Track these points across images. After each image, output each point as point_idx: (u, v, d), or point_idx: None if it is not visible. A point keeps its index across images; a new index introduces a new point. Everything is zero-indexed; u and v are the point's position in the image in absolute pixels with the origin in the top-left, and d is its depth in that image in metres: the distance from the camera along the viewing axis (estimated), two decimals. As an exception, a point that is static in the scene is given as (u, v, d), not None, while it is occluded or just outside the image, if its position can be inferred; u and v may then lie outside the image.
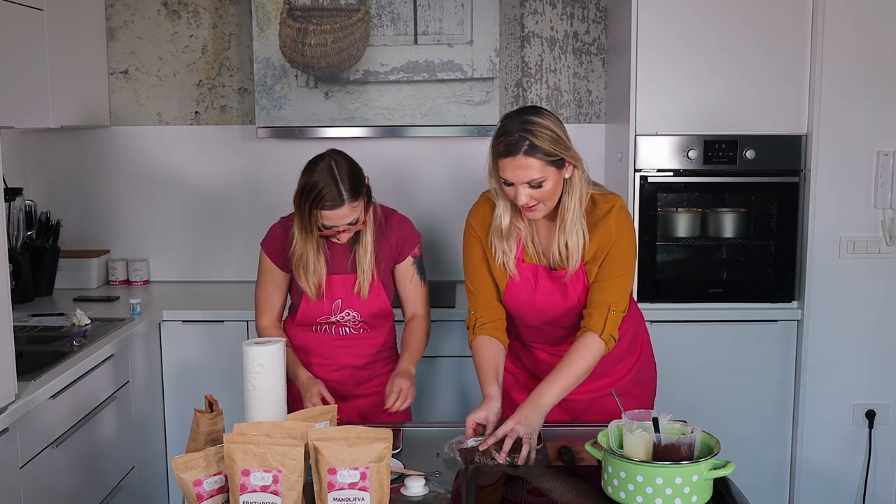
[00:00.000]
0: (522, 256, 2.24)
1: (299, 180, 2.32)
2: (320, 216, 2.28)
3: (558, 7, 3.66)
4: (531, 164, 2.06)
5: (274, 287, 2.49)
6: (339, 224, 2.30)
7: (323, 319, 2.46)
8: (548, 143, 2.06)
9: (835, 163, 3.14)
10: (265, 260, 2.49)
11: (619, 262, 2.19)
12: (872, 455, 3.27)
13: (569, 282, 2.21)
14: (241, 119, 3.73)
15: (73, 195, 3.76)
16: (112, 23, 3.69)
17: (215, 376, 3.23)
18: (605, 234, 2.18)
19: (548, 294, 2.24)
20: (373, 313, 2.46)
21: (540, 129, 2.06)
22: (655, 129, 3.17)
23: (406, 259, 2.49)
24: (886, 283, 3.19)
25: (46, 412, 2.43)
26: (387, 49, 3.45)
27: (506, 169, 2.09)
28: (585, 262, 2.20)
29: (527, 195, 2.09)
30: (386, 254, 2.46)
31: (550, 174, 2.08)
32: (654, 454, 1.71)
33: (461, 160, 3.70)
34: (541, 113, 2.12)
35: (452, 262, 3.72)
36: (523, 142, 2.06)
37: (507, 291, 2.27)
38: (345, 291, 2.43)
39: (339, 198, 2.26)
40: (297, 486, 1.64)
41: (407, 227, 2.51)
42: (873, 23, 3.08)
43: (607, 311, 2.16)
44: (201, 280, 3.81)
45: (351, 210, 2.29)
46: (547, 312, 2.27)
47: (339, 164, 2.29)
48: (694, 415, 2.40)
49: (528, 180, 2.07)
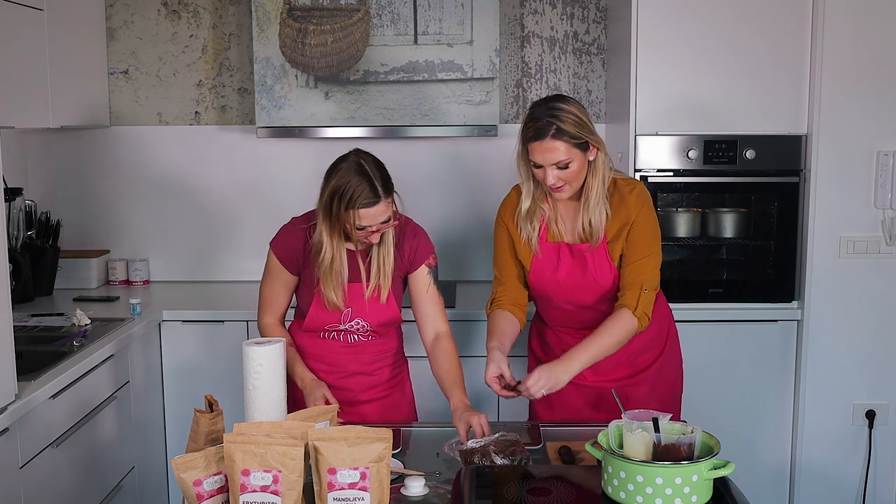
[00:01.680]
0: (546, 236, 2.39)
1: (325, 185, 2.27)
2: (357, 217, 2.22)
3: (558, 7, 3.66)
4: (558, 147, 2.21)
5: (280, 287, 2.46)
6: (375, 223, 2.25)
7: (331, 327, 2.41)
8: (573, 127, 2.21)
9: (835, 163, 3.14)
10: (274, 261, 2.43)
11: (645, 242, 2.34)
12: (872, 455, 3.27)
13: (590, 259, 2.34)
14: (241, 119, 3.73)
15: (73, 195, 3.76)
16: (112, 23, 3.69)
17: (215, 376, 3.23)
18: (625, 213, 2.33)
19: (569, 270, 2.37)
20: (382, 322, 2.42)
21: (565, 114, 2.22)
22: (655, 129, 3.18)
23: (420, 268, 2.43)
24: (886, 283, 3.19)
25: (46, 412, 2.43)
26: (387, 49, 3.45)
27: (535, 152, 2.24)
28: (608, 240, 2.33)
29: (555, 176, 2.24)
30: (398, 263, 2.40)
31: (576, 156, 2.24)
32: (654, 454, 1.71)
33: (461, 160, 3.70)
34: (566, 100, 2.28)
35: (453, 262, 3.73)
36: (550, 126, 2.21)
37: (531, 270, 2.40)
38: (356, 299, 2.38)
39: (376, 194, 2.22)
40: (297, 486, 1.64)
41: (422, 238, 2.46)
42: (873, 23, 3.08)
43: (639, 290, 2.31)
44: (201, 280, 3.81)
45: (386, 207, 2.26)
46: (568, 290, 2.39)
47: (368, 162, 2.26)
48: (694, 415, 2.41)
49: (556, 162, 2.22)
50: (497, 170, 3.42)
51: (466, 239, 3.69)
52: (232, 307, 3.29)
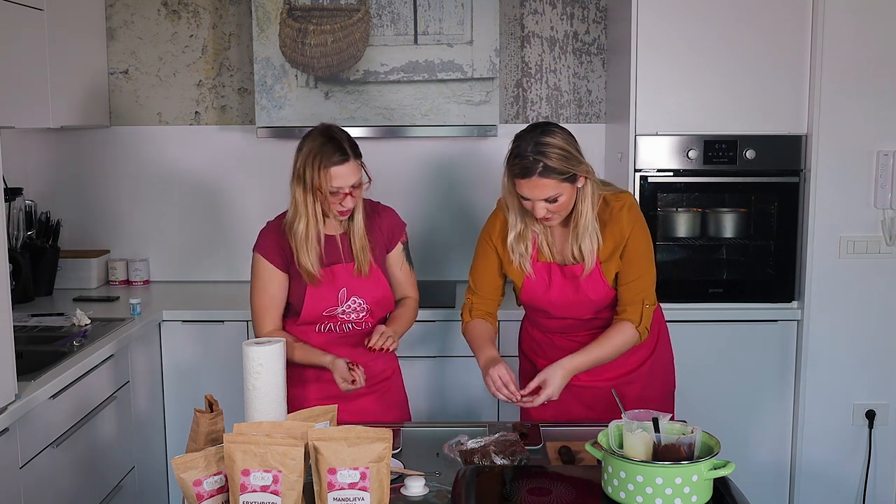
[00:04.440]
0: (537, 256, 2.37)
1: (296, 156, 2.34)
2: (329, 177, 2.28)
3: (558, 7, 3.66)
4: (546, 184, 2.18)
5: (273, 291, 2.42)
6: (346, 184, 2.31)
7: (329, 313, 2.41)
8: (560, 163, 2.17)
9: (835, 163, 3.14)
10: (262, 263, 2.41)
11: (643, 260, 2.33)
12: (872, 455, 3.27)
13: (583, 280, 2.32)
14: (241, 119, 3.73)
15: (73, 195, 3.76)
16: (112, 23, 3.69)
17: (215, 376, 3.23)
18: (618, 232, 2.30)
19: (561, 290, 2.36)
20: (377, 299, 2.45)
21: (551, 150, 2.17)
22: (655, 129, 3.18)
23: (396, 246, 2.53)
24: (886, 283, 3.19)
25: (46, 412, 2.43)
26: (387, 49, 3.45)
27: (522, 188, 2.22)
28: (602, 259, 2.31)
29: (544, 209, 2.22)
30: (379, 241, 2.48)
31: (565, 189, 2.21)
32: (654, 454, 1.71)
33: (461, 160, 3.70)
34: (551, 132, 2.20)
35: (452, 262, 3.73)
36: (537, 164, 2.16)
37: (523, 290, 2.39)
38: (348, 278, 2.42)
39: (345, 153, 2.30)
40: (297, 486, 1.65)
41: (393, 216, 2.55)
42: (873, 23, 3.08)
43: (641, 306, 2.33)
44: (201, 280, 3.81)
45: (356, 167, 2.33)
46: (561, 308, 2.38)
47: (333, 129, 2.36)
48: (694, 415, 2.41)
49: (544, 197, 2.20)
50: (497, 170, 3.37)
51: (466, 239, 3.68)
52: (232, 307, 3.29)
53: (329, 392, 2.38)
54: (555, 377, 2.22)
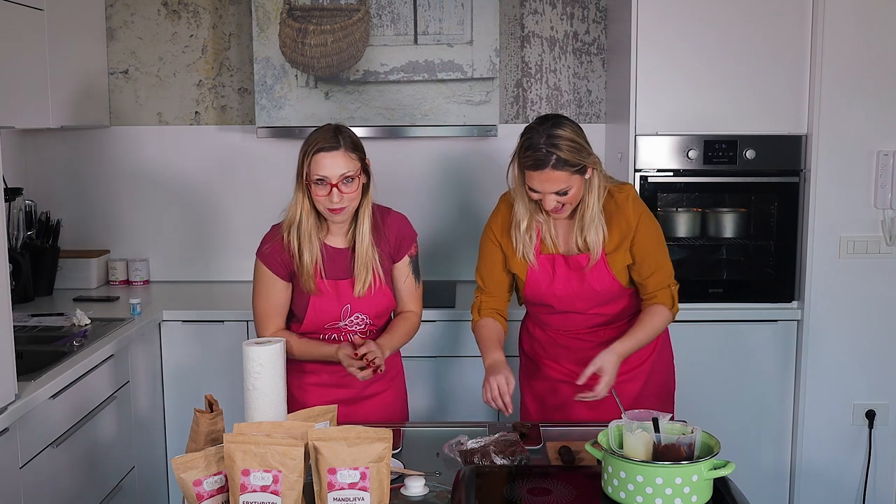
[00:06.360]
0: (540, 248, 2.37)
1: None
2: (314, 164, 2.22)
3: (558, 7, 3.66)
4: (558, 177, 2.19)
5: (275, 299, 2.38)
6: (333, 175, 2.21)
7: (331, 325, 2.38)
8: (572, 155, 2.18)
9: (835, 163, 3.14)
10: (263, 270, 2.37)
11: (657, 251, 2.36)
12: (872, 455, 3.27)
13: (588, 271, 2.33)
14: (241, 119, 3.73)
15: (73, 195, 3.76)
16: (112, 23, 3.69)
17: (215, 376, 3.23)
18: (624, 223, 2.32)
19: (565, 281, 2.36)
20: (379, 312, 2.41)
21: (564, 142, 2.18)
22: (655, 129, 3.18)
23: (403, 259, 2.44)
24: (886, 283, 3.19)
25: (46, 412, 2.43)
26: (387, 49, 3.45)
27: (533, 180, 2.22)
28: (608, 251, 2.32)
29: (554, 201, 2.23)
30: (384, 251, 2.40)
31: (575, 181, 2.23)
32: (654, 454, 1.71)
33: (461, 160, 3.70)
34: (562, 124, 2.22)
35: (452, 262, 3.73)
36: (550, 157, 2.17)
37: (527, 283, 2.39)
38: (351, 297, 2.36)
39: (336, 141, 2.24)
40: (297, 486, 1.65)
41: (403, 225, 2.45)
42: (873, 23, 3.08)
43: (668, 288, 2.38)
44: (201, 280, 3.81)
45: (347, 159, 2.23)
46: (565, 300, 2.38)
47: (339, 126, 2.32)
48: (694, 415, 2.41)
49: (556, 190, 2.21)
50: (497, 170, 3.39)
51: (466, 239, 3.69)
52: (232, 307, 3.29)
53: (332, 398, 2.36)
54: (609, 363, 2.22)
